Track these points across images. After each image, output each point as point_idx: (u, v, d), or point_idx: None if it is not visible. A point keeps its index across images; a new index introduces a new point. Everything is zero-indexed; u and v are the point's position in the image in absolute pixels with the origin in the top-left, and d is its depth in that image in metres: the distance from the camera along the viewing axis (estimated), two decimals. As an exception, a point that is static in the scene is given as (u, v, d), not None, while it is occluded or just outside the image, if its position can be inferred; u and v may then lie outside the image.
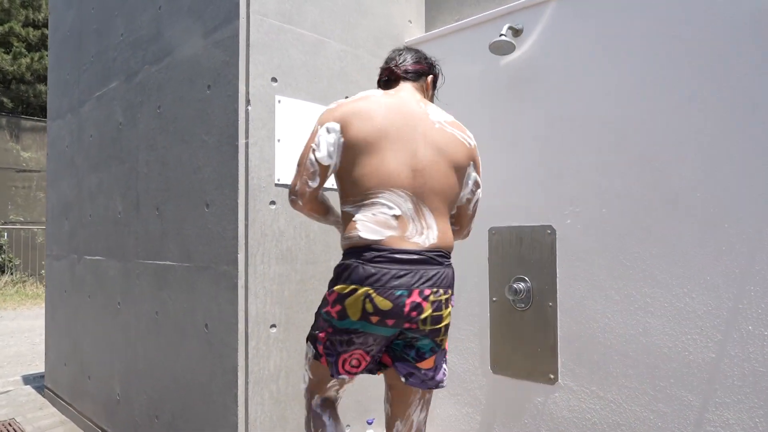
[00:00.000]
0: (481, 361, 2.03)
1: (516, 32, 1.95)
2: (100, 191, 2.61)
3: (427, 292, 1.30)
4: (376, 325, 1.30)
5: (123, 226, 2.40)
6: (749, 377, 1.44)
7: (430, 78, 1.54)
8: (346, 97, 2.06)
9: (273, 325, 1.78)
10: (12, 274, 9.46)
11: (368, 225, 1.31)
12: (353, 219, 1.33)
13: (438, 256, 1.34)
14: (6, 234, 9.80)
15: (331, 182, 1.70)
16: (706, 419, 1.50)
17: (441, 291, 1.33)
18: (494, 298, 1.99)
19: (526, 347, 1.89)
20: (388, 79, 1.51)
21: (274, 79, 1.81)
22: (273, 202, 1.79)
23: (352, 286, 1.28)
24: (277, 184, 1.80)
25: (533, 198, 1.90)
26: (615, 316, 1.69)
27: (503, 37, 1.86)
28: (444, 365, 1.43)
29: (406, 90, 1.46)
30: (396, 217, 1.31)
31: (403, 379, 1.39)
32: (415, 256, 1.30)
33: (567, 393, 1.79)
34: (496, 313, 1.99)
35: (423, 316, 1.30)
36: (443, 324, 1.36)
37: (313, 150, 1.36)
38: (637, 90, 1.66)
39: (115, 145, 2.48)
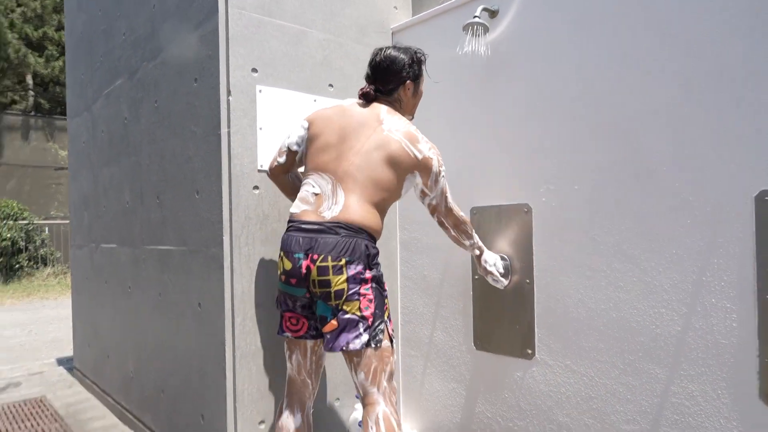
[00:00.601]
0: (465, 337, 2.09)
1: (492, 13, 1.97)
2: (112, 184, 2.78)
3: (315, 257, 1.52)
4: (285, 284, 1.57)
5: (131, 215, 2.55)
6: (712, 349, 1.44)
7: (407, 83, 1.69)
8: (330, 86, 2.15)
9: (258, 304, 1.88)
10: (54, 266, 10.04)
11: (296, 202, 1.62)
12: None
13: (336, 227, 1.51)
14: (47, 229, 10.38)
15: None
16: (672, 391, 1.52)
17: (329, 258, 1.49)
18: (476, 276, 2.04)
19: (506, 324, 1.93)
20: (368, 99, 1.69)
21: (254, 70, 1.90)
22: (256, 187, 1.89)
23: (280, 252, 1.60)
24: (259, 170, 1.89)
25: (511, 177, 1.93)
26: (587, 291, 1.71)
27: (476, 19, 1.89)
28: (360, 334, 1.48)
29: (376, 106, 1.65)
30: (315, 194, 1.58)
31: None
32: (316, 227, 1.53)
33: (543, 367, 1.83)
34: (478, 290, 2.03)
35: (311, 278, 1.51)
36: (333, 289, 1.49)
37: (288, 136, 1.72)
38: (611, 65, 1.66)
39: (123, 141, 2.63)
